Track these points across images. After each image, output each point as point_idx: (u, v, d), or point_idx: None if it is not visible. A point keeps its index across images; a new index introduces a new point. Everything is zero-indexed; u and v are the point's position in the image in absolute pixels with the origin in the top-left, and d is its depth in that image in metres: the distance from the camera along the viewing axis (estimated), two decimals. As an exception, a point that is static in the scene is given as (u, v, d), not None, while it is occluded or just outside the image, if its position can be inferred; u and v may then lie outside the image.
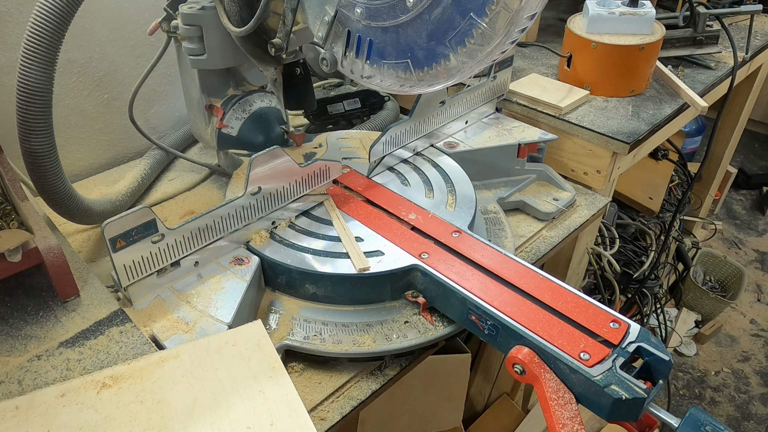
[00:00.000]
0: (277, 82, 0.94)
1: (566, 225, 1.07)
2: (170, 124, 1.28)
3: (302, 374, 0.79)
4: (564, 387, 0.66)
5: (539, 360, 0.67)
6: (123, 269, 0.74)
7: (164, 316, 0.75)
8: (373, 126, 1.25)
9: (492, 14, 0.60)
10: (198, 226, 0.79)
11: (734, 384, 2.10)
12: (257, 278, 0.83)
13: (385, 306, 0.83)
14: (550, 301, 0.73)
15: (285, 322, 0.81)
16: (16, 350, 0.68)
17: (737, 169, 2.80)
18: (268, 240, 0.87)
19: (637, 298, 1.78)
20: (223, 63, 0.95)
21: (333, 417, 0.74)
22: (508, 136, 1.16)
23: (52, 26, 0.72)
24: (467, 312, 0.75)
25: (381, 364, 0.80)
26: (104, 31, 1.10)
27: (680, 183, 1.93)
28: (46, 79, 0.75)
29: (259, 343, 0.66)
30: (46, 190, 0.82)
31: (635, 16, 1.29)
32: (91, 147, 1.18)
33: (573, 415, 0.63)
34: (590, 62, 1.30)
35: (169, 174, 1.16)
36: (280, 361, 0.64)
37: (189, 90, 1.03)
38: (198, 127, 1.06)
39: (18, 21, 0.98)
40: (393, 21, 0.67)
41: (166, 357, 0.65)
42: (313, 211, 0.93)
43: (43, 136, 0.77)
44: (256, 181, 0.82)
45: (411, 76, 0.70)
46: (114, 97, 1.16)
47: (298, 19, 0.79)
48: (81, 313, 0.73)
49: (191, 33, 0.91)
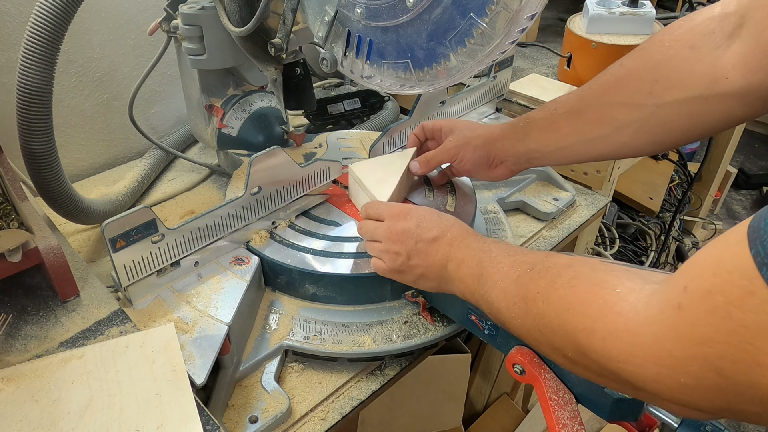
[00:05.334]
0: (277, 82, 0.94)
1: (566, 225, 1.07)
2: (170, 124, 1.28)
3: (302, 374, 0.79)
4: (564, 387, 0.66)
5: (539, 360, 0.67)
6: (123, 269, 0.74)
7: (164, 316, 0.75)
8: (373, 126, 1.25)
9: (492, 14, 0.60)
10: (198, 226, 0.79)
11: (734, 384, 2.10)
12: (257, 278, 0.83)
13: (385, 306, 0.83)
14: (550, 301, 0.73)
15: (285, 322, 0.81)
16: (16, 350, 0.68)
17: (737, 169, 2.80)
18: (268, 240, 0.87)
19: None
20: (223, 63, 0.95)
21: (333, 417, 0.74)
22: (508, 136, 1.16)
23: (52, 26, 0.72)
24: (467, 312, 0.75)
25: (381, 364, 0.80)
26: (104, 31, 1.10)
27: (680, 183, 1.93)
28: (46, 79, 0.75)
29: (166, 346, 0.66)
30: (46, 190, 0.82)
31: (635, 16, 1.29)
32: (91, 147, 1.18)
33: (573, 415, 0.63)
34: (590, 62, 1.30)
35: (169, 174, 1.16)
36: (183, 365, 0.64)
37: (189, 90, 1.03)
38: (198, 127, 1.06)
39: (18, 21, 0.98)
40: (393, 21, 0.67)
41: (70, 357, 0.65)
42: (313, 211, 0.93)
43: (43, 136, 0.77)
44: (256, 181, 0.82)
45: (411, 76, 0.70)
46: (114, 97, 1.16)
47: (298, 19, 0.79)
48: (81, 313, 0.73)
49: (191, 33, 0.91)
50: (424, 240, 0.71)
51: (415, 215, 0.73)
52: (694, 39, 0.63)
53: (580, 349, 0.48)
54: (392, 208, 0.76)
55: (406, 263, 0.72)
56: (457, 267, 0.68)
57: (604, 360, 0.46)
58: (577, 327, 0.49)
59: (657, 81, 0.66)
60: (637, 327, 0.43)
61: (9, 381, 0.62)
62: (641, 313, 0.43)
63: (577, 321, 0.49)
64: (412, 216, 0.73)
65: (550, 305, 0.53)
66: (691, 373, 0.39)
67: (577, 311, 0.49)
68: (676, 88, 0.65)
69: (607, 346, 0.45)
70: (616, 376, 0.45)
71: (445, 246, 0.70)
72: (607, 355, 0.45)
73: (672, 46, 0.65)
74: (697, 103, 0.64)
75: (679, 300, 0.40)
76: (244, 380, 0.75)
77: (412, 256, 0.72)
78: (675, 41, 0.65)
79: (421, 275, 0.72)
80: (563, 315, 0.50)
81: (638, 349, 0.42)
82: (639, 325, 0.43)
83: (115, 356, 0.65)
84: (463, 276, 0.67)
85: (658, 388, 0.42)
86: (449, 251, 0.69)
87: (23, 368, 0.64)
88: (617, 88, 0.71)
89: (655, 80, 0.66)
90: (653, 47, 0.68)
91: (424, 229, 0.72)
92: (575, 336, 0.49)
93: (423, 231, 0.71)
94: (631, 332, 0.43)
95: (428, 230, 0.71)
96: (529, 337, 0.58)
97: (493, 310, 0.62)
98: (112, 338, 0.69)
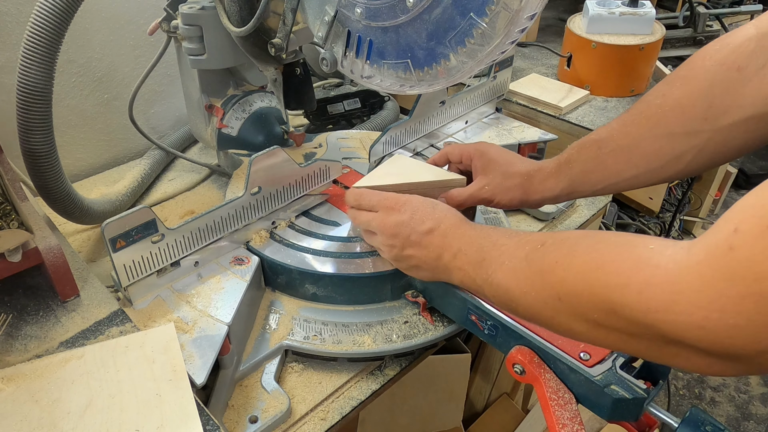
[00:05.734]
0: (277, 82, 0.94)
1: (566, 225, 1.07)
2: (170, 124, 1.28)
3: (302, 374, 0.79)
4: (564, 387, 0.66)
5: (539, 360, 0.67)
6: (123, 269, 0.74)
7: (164, 316, 0.75)
8: (373, 126, 1.25)
9: (492, 14, 0.60)
10: (198, 226, 0.80)
11: (734, 384, 2.10)
12: (257, 278, 0.83)
13: (385, 306, 0.83)
14: (550, 301, 0.73)
15: (285, 322, 0.81)
16: (16, 350, 0.68)
17: (737, 169, 2.79)
18: (268, 240, 0.87)
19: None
20: (223, 63, 0.95)
21: (333, 417, 0.74)
22: (508, 136, 1.16)
23: (52, 26, 0.72)
24: (467, 312, 0.75)
25: (381, 364, 0.80)
26: (104, 31, 1.10)
27: (680, 183, 1.93)
28: (46, 79, 0.75)
29: (166, 346, 0.66)
30: (46, 190, 0.82)
31: (635, 16, 1.29)
32: (91, 147, 1.18)
33: (573, 415, 0.63)
34: (590, 62, 1.30)
35: (169, 174, 1.16)
36: (183, 365, 0.64)
37: (189, 90, 1.03)
38: (198, 127, 1.06)
39: (18, 21, 0.98)
40: (393, 21, 0.67)
41: (70, 357, 0.65)
42: (313, 211, 0.93)
43: (43, 136, 0.77)
44: (256, 181, 0.82)
45: (411, 76, 0.70)
46: (114, 97, 1.16)
47: (298, 19, 0.79)
48: (81, 313, 0.73)
49: (191, 33, 0.91)
50: (418, 232, 0.72)
51: (409, 207, 0.74)
52: (739, 61, 0.65)
53: (611, 307, 0.48)
54: (386, 200, 0.76)
55: (401, 254, 0.74)
56: (453, 257, 0.68)
57: (640, 314, 0.45)
58: (608, 284, 0.48)
59: (710, 107, 0.67)
60: (680, 275, 0.43)
61: (9, 381, 0.62)
62: (683, 263, 0.43)
63: (608, 278, 0.48)
64: (405, 208, 0.74)
65: (572, 271, 0.52)
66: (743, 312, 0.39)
67: (607, 269, 0.49)
68: (731, 111, 0.66)
69: (644, 298, 0.45)
70: (650, 329, 0.45)
71: (438, 238, 0.70)
72: (644, 307, 0.45)
73: (718, 71, 0.66)
74: (754, 122, 0.65)
75: (730, 242, 0.40)
76: (244, 380, 0.75)
77: (406, 247, 0.73)
78: (719, 65, 0.66)
79: (415, 266, 0.74)
80: (590, 276, 0.50)
81: (681, 296, 0.42)
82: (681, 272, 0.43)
83: (115, 356, 0.65)
84: (461, 265, 0.67)
85: (700, 334, 0.42)
86: (443, 242, 0.69)
87: (23, 368, 0.64)
88: (669, 118, 0.70)
89: (708, 106, 0.67)
90: (698, 73, 0.68)
91: (417, 221, 0.72)
92: (606, 294, 0.48)
93: (416, 223, 0.72)
94: (672, 281, 0.43)
95: (421, 222, 0.72)
96: (544, 311, 0.56)
97: (500, 292, 0.61)
98: (112, 338, 0.69)
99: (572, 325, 0.54)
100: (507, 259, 0.61)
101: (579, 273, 0.51)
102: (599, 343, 0.53)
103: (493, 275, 0.62)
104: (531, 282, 0.57)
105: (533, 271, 0.57)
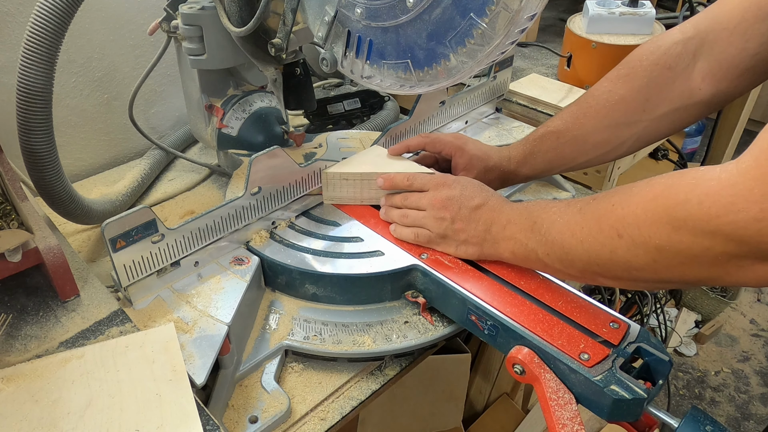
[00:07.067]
0: (277, 82, 0.94)
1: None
2: (170, 124, 1.28)
3: (302, 374, 0.79)
4: (564, 387, 0.66)
5: (539, 360, 0.67)
6: (123, 269, 0.74)
7: (164, 316, 0.75)
8: (373, 126, 1.25)
9: (492, 14, 0.60)
10: (198, 226, 0.80)
11: (734, 384, 2.11)
12: (257, 278, 0.83)
13: (385, 306, 0.83)
14: (549, 302, 0.73)
15: (285, 322, 0.81)
16: (16, 350, 0.68)
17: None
18: (268, 240, 0.87)
19: (637, 298, 1.77)
20: (223, 63, 0.95)
21: (333, 417, 0.74)
22: (508, 136, 1.16)
23: (52, 26, 0.72)
24: (467, 312, 0.75)
25: (381, 364, 0.80)
26: (104, 31, 1.10)
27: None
28: (46, 79, 0.75)
29: (166, 346, 0.66)
30: (46, 190, 0.82)
31: (635, 16, 1.29)
32: (91, 147, 1.18)
33: (573, 415, 0.63)
34: (590, 62, 1.30)
35: (169, 174, 1.16)
36: (183, 365, 0.64)
37: (189, 90, 1.03)
38: (198, 127, 1.06)
39: (18, 21, 0.98)
40: (393, 21, 0.67)
41: (70, 357, 0.65)
42: (313, 211, 0.93)
43: (43, 136, 0.77)
44: (256, 181, 0.82)
45: (411, 76, 0.70)
46: (114, 97, 1.16)
47: (298, 19, 0.79)
48: (81, 313, 0.73)
49: (191, 33, 0.91)
50: (468, 207, 0.77)
51: (459, 184, 0.80)
52: (669, 61, 0.78)
53: (674, 224, 0.52)
54: (436, 178, 0.83)
55: (451, 227, 0.78)
56: (502, 228, 0.74)
57: (703, 223, 0.50)
58: (668, 205, 0.53)
59: (647, 101, 0.80)
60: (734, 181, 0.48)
61: (9, 381, 0.62)
62: (734, 171, 0.49)
63: (667, 201, 0.53)
64: (456, 185, 0.80)
65: (630, 207, 0.57)
66: None
67: (667, 195, 0.54)
68: (663, 104, 0.80)
69: (704, 207, 0.50)
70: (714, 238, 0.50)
71: (487, 212, 0.76)
72: (706, 215, 0.50)
73: (654, 70, 0.79)
74: (680, 112, 0.80)
75: None
76: (244, 380, 0.75)
77: (456, 221, 0.78)
78: (654, 65, 0.79)
79: (464, 240, 0.78)
80: (650, 205, 0.55)
81: (737, 197, 0.48)
82: (734, 179, 0.48)
83: (115, 356, 0.65)
84: (511, 234, 0.73)
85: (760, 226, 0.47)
86: (492, 216, 0.76)
87: (23, 368, 0.64)
88: (615, 111, 0.83)
89: (646, 100, 0.80)
90: (637, 72, 0.81)
91: (467, 197, 0.78)
92: (668, 214, 0.53)
93: (466, 199, 0.78)
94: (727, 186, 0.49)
95: (471, 198, 0.78)
96: (602, 252, 0.60)
97: (555, 249, 0.66)
98: (112, 338, 0.69)
99: (632, 259, 0.58)
100: (558, 217, 0.66)
101: (638, 205, 0.56)
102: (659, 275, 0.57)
103: (546, 234, 0.67)
104: (588, 229, 0.62)
105: (589, 219, 0.62)
